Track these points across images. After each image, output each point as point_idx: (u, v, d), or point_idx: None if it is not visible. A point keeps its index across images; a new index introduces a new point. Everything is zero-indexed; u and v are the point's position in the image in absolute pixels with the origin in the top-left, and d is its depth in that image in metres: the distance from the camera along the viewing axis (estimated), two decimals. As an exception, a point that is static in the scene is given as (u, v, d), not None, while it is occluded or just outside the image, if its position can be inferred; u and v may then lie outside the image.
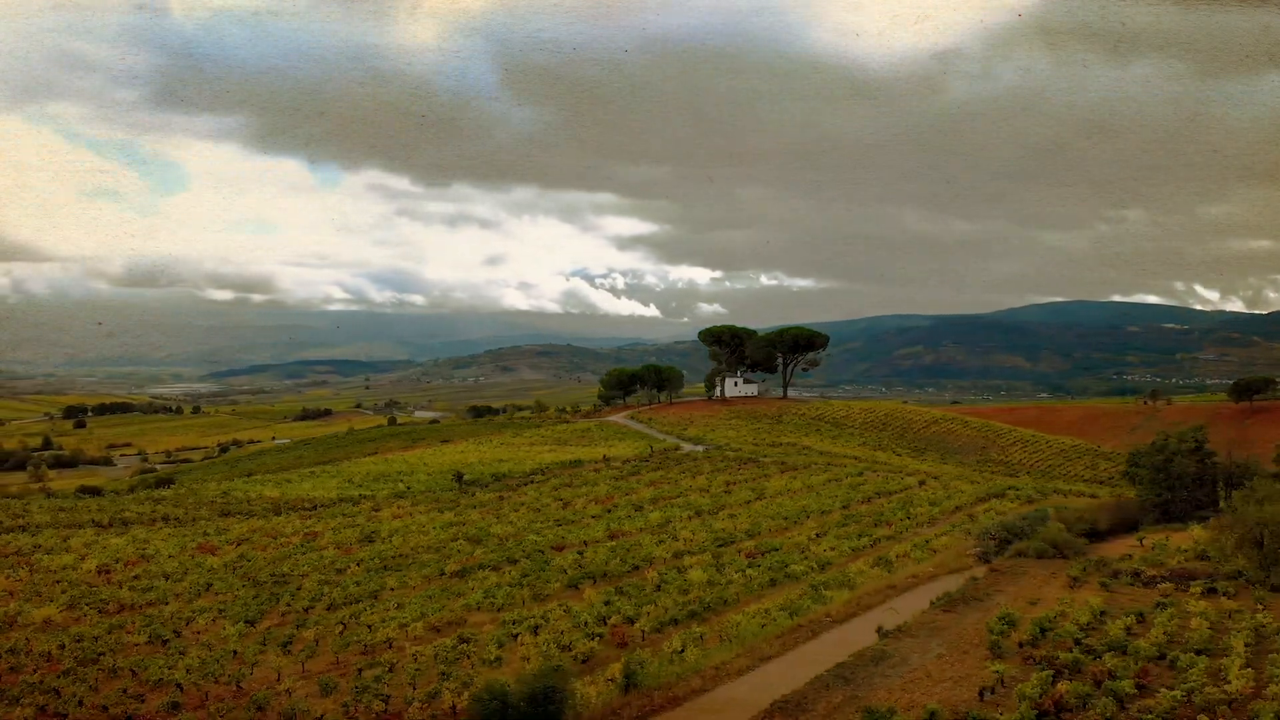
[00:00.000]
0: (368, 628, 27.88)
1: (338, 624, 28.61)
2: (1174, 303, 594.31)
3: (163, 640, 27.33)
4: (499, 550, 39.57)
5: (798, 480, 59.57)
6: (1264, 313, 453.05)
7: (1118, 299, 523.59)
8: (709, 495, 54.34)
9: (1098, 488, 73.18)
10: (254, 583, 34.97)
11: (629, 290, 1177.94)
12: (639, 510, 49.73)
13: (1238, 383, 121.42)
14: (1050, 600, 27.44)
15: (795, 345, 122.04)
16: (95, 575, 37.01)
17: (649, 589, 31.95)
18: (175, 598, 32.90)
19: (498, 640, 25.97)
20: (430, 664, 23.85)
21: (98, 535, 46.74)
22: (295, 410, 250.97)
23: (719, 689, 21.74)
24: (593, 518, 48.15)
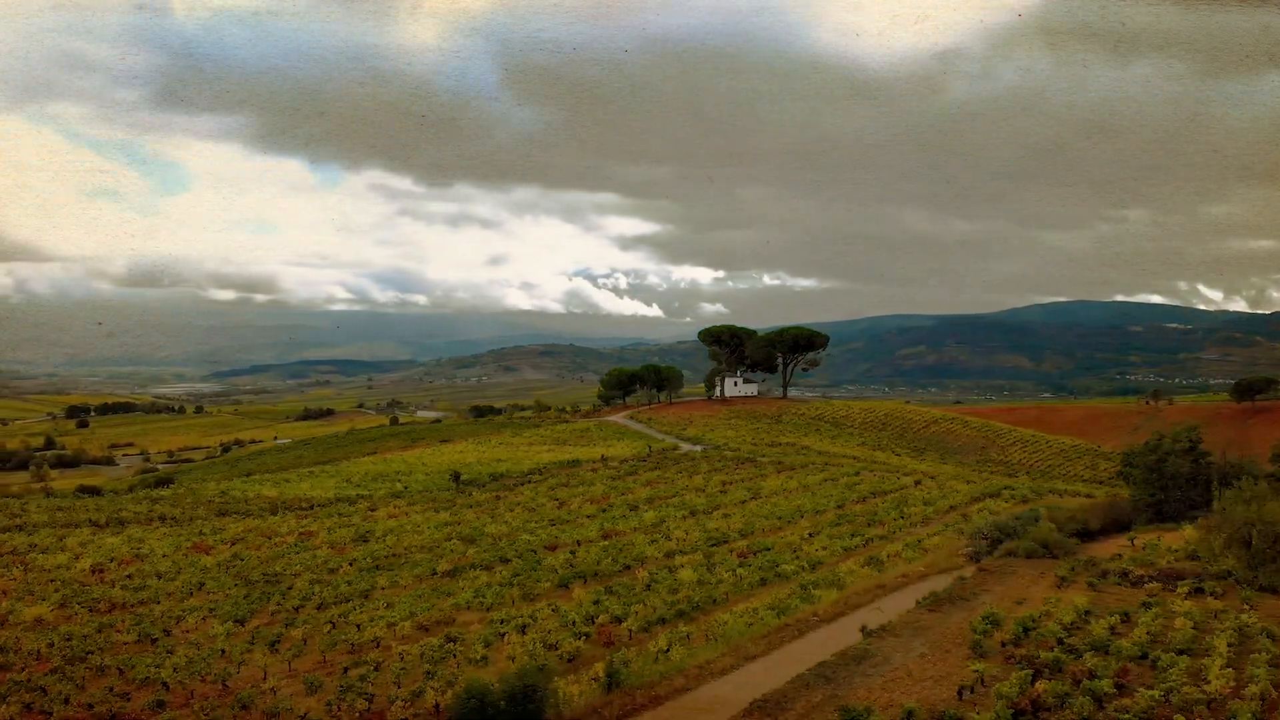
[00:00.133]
0: (356, 627, 27.95)
1: (326, 623, 28.71)
2: (1177, 303, 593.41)
3: (151, 639, 27.47)
4: (492, 550, 39.67)
5: (794, 480, 59.59)
6: (1267, 312, 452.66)
7: (1120, 299, 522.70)
8: (704, 495, 54.40)
9: (1096, 488, 73.06)
10: (246, 582, 35.12)
11: (632, 290, 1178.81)
12: (634, 510, 49.79)
13: (1239, 383, 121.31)
14: (1036, 600, 27.44)
15: (795, 345, 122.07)
16: (88, 574, 37.22)
17: (639, 588, 32.00)
18: (167, 597, 33.09)
19: (484, 640, 26.03)
20: (416, 663, 23.92)
21: (94, 535, 46.97)
22: (297, 410, 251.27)
23: (701, 688, 21.77)
24: (587, 517, 48.24)
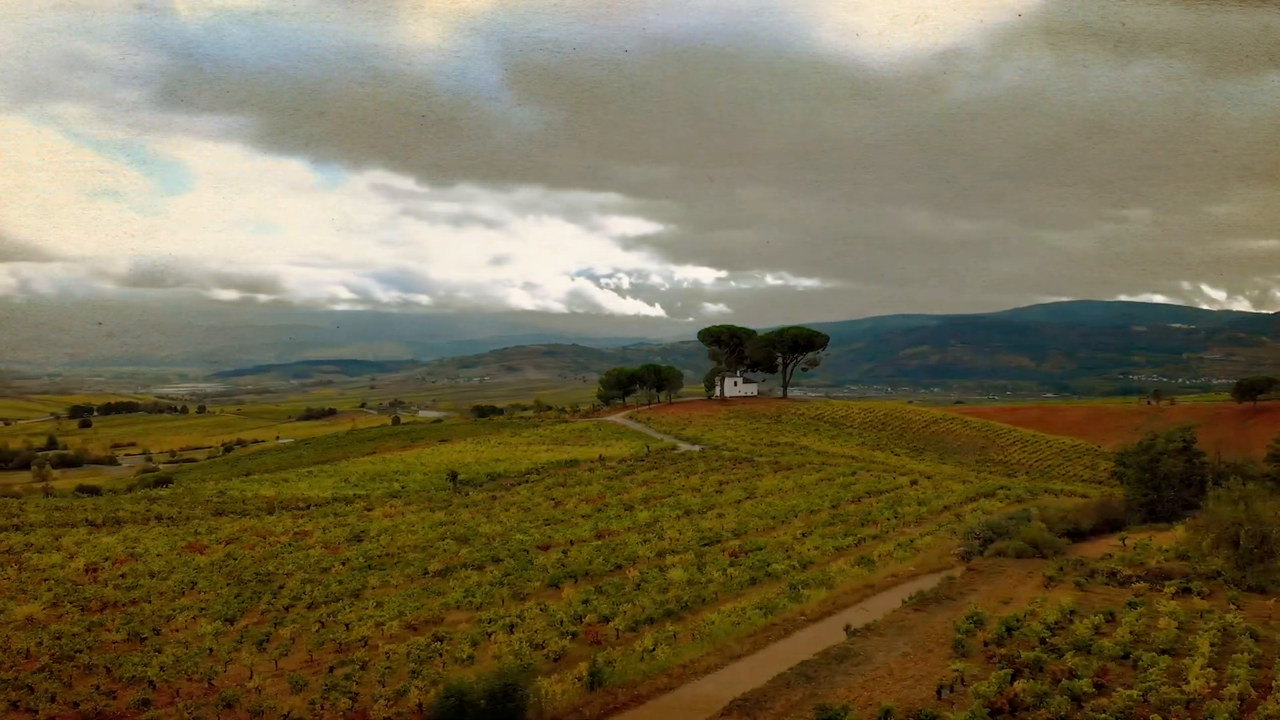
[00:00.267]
0: (345, 626, 28.05)
1: (315, 622, 28.80)
2: (1180, 302, 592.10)
3: (140, 638, 27.59)
4: (484, 549, 39.76)
5: (790, 480, 59.62)
6: (1270, 312, 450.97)
7: (1124, 299, 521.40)
8: (700, 495, 54.44)
9: (1094, 488, 73.00)
10: (238, 581, 35.24)
11: (634, 290, 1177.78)
12: (629, 510, 49.84)
13: (1241, 383, 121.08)
14: (1023, 599, 27.48)
15: (795, 345, 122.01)
16: (82, 573, 37.35)
17: (629, 588, 32.06)
18: (158, 596, 33.19)
19: (472, 639, 26.12)
20: (402, 662, 24.02)
21: (90, 534, 47.13)
22: (300, 410, 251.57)
23: (684, 687, 21.86)
24: (582, 517, 48.31)
